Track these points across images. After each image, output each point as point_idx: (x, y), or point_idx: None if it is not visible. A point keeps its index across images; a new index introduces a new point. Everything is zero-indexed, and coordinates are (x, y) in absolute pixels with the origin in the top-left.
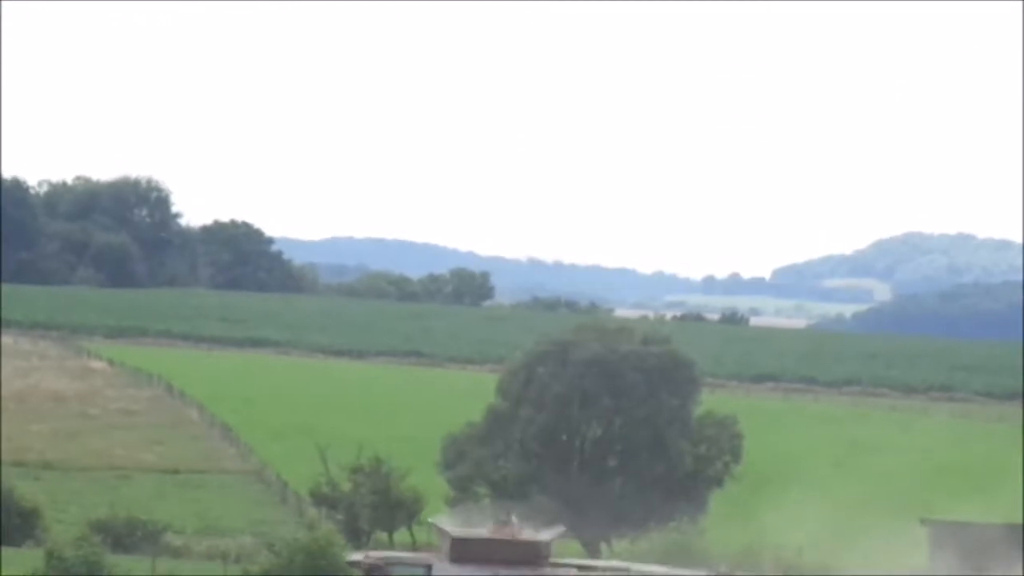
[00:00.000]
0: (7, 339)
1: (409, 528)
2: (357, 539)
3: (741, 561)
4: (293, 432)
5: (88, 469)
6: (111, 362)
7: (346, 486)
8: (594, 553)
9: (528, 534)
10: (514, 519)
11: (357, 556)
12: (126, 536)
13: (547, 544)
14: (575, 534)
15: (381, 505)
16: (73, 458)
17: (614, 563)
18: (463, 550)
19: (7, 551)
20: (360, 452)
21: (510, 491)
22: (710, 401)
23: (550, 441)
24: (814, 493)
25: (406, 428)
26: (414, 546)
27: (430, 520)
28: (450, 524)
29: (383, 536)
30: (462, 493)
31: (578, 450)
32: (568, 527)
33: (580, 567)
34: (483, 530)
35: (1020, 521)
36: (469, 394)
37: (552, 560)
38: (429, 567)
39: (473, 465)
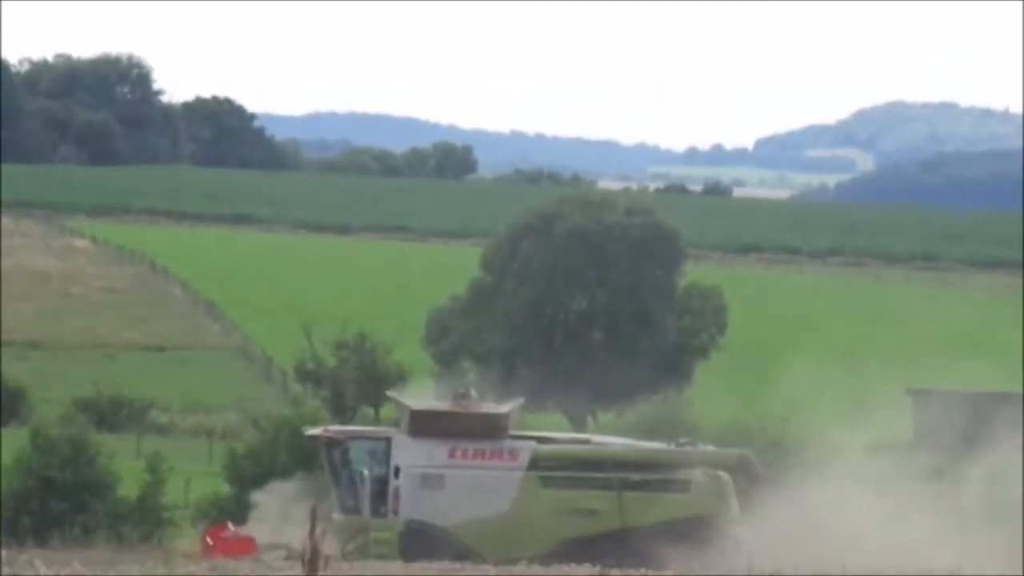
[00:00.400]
0: None
1: None
2: (342, 415)
3: (727, 432)
4: (277, 308)
5: (73, 348)
6: (94, 240)
7: (331, 362)
8: (580, 426)
9: (487, 407)
10: (473, 392)
11: (315, 431)
12: (111, 414)
13: (506, 416)
14: (561, 408)
15: (366, 380)
16: (58, 337)
17: (575, 435)
18: (421, 423)
19: None
20: (345, 328)
21: (495, 365)
22: (694, 272)
23: (534, 314)
24: (799, 363)
25: (391, 303)
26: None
27: (388, 393)
28: (409, 398)
29: (369, 412)
30: (447, 367)
31: (562, 323)
32: (554, 401)
33: (540, 439)
34: (442, 403)
35: (1006, 390)
36: (453, 268)
37: (512, 432)
38: (388, 440)
39: (458, 339)
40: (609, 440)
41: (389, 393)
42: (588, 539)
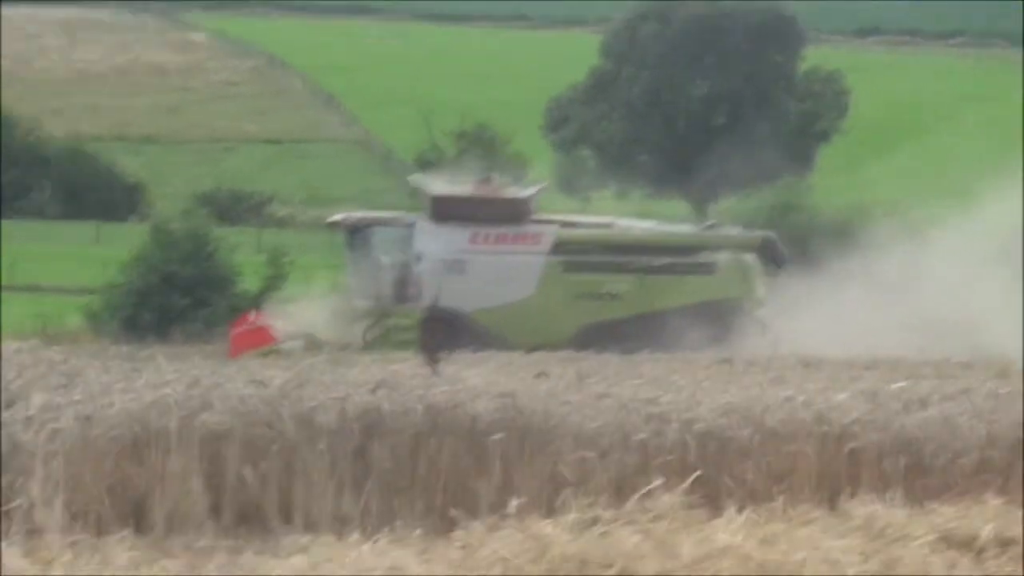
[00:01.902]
0: (104, 14)
1: None
2: None
3: (849, 216)
4: (396, 99)
5: (190, 142)
6: (212, 33)
7: (451, 152)
8: (701, 214)
9: (510, 191)
10: (496, 176)
11: (337, 217)
12: (231, 208)
13: (527, 200)
14: (682, 194)
15: (486, 170)
16: (175, 131)
17: (599, 219)
18: (444, 208)
19: (110, 226)
20: (464, 117)
21: (614, 153)
22: (815, 56)
23: (654, 101)
24: (922, 147)
25: (509, 92)
26: None
27: (409, 179)
28: (432, 182)
29: None
30: (567, 156)
31: (683, 109)
32: (675, 187)
33: (563, 223)
34: (464, 187)
35: None
36: (572, 56)
37: (535, 217)
38: (411, 226)
39: (577, 127)
40: (633, 223)
41: (410, 178)
42: (612, 323)
